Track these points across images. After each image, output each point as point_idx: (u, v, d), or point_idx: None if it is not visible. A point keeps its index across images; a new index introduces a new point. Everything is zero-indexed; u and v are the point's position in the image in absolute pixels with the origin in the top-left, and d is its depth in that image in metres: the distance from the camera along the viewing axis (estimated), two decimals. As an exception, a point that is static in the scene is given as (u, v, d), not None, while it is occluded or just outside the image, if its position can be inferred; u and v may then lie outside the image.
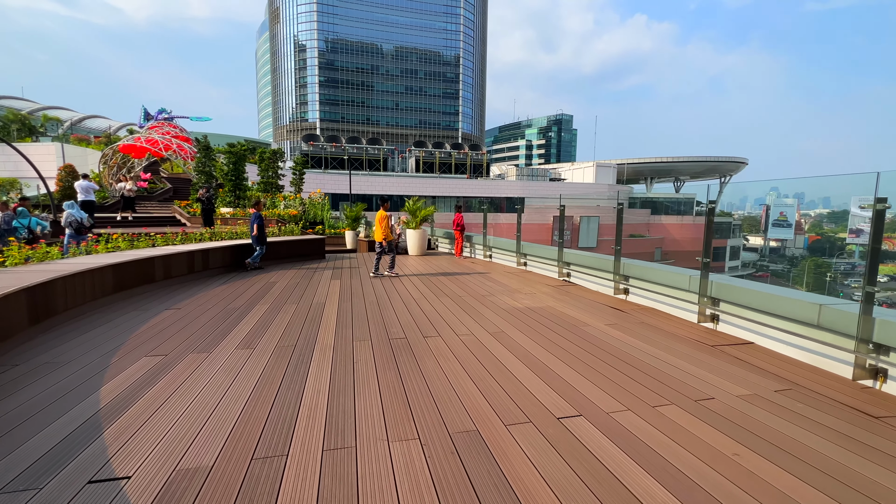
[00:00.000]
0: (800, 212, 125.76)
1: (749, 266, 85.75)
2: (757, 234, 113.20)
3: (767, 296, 3.99)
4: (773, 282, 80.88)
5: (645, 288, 5.67)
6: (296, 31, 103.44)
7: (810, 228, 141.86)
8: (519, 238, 8.97)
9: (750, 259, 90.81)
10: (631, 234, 66.28)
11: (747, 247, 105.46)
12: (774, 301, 3.89)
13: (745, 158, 79.06)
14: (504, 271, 8.78)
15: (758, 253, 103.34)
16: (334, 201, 58.22)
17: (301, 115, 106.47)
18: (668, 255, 69.42)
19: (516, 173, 73.09)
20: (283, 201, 18.86)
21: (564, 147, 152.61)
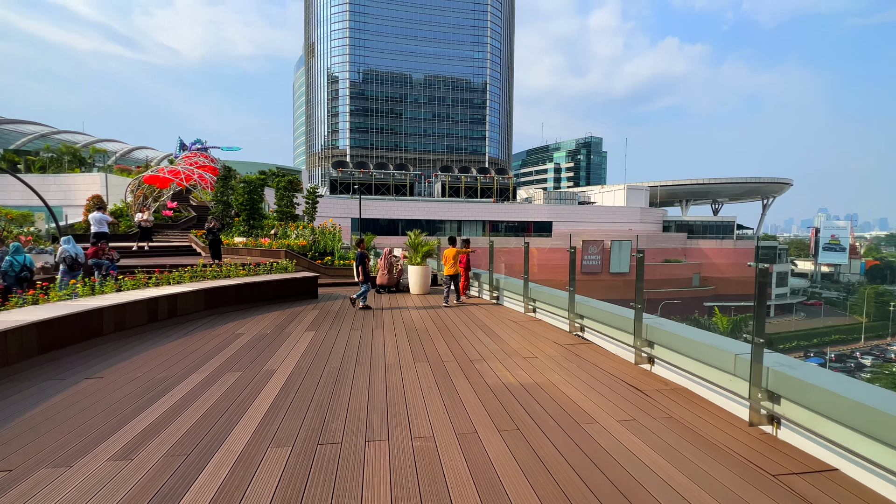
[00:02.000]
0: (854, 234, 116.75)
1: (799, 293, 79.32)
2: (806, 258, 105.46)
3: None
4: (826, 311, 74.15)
5: (676, 364, 4.38)
6: (329, 63, 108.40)
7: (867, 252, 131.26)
8: (526, 280, 7.78)
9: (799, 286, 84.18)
10: (666, 259, 62.84)
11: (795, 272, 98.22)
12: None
13: (790, 179, 74.35)
14: (509, 319, 7.59)
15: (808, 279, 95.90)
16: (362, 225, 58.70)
17: (332, 143, 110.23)
18: (706, 281, 65.15)
19: (543, 197, 71.69)
20: (294, 231, 18.51)
21: (594, 170, 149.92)
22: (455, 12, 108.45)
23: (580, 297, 6.42)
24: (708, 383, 3.95)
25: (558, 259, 60.17)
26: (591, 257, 59.69)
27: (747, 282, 67.91)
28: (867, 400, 2.59)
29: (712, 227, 70.38)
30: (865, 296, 69.50)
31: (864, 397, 2.63)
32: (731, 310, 62.50)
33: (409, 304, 9.32)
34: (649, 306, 59.05)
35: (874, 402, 2.58)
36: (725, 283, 65.70)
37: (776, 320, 65.58)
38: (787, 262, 77.45)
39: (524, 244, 7.68)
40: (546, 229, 62.27)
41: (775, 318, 67.85)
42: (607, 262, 60.39)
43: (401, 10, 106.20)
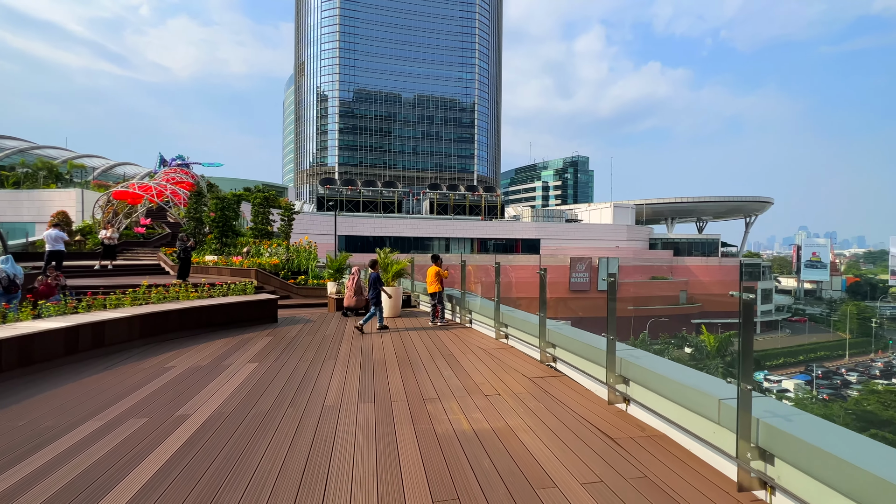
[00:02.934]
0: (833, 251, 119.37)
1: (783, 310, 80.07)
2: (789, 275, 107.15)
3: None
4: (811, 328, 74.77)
5: (653, 407, 3.79)
6: (318, 82, 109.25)
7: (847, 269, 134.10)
8: (497, 304, 7.17)
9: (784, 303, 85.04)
10: (653, 277, 63.00)
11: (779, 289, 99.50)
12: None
13: (771, 198, 75.99)
14: (478, 346, 6.95)
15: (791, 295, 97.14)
16: (349, 243, 57.91)
17: (321, 160, 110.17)
18: (693, 299, 65.32)
19: (531, 214, 71.90)
20: (267, 249, 17.74)
21: (581, 188, 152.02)
22: (444, 34, 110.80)
23: (553, 322, 5.84)
24: (689, 432, 3.36)
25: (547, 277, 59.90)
26: (579, 275, 59.54)
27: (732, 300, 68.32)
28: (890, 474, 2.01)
29: (697, 245, 71.14)
30: (848, 312, 70.37)
31: (888, 471, 2.05)
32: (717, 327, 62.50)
33: (374, 328, 8.63)
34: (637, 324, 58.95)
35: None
36: (711, 301, 65.98)
37: (762, 337, 65.83)
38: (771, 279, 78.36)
39: (495, 264, 7.11)
40: (534, 247, 62.16)
41: (761, 334, 68.13)
42: (595, 280, 60.28)
43: (390, 31, 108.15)
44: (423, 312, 11.05)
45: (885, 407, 26.14)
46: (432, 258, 9.10)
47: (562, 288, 59.71)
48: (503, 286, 7.21)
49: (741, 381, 2.69)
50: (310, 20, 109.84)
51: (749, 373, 2.68)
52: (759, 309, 69.69)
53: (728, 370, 30.68)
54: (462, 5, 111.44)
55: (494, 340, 7.29)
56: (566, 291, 59.22)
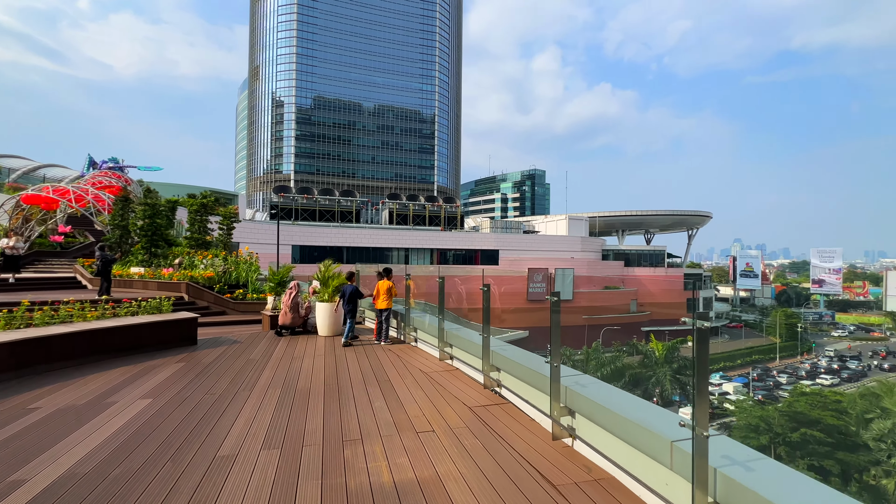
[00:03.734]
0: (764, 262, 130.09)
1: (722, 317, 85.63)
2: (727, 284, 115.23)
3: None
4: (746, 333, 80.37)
5: (601, 447, 3.33)
6: (274, 87, 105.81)
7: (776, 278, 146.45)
8: (441, 321, 6.60)
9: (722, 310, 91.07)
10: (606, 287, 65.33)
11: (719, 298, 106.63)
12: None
13: (710, 212, 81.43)
14: (420, 369, 6.32)
15: (729, 303, 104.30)
16: (304, 253, 55.57)
17: (275, 168, 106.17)
18: (643, 307, 68.33)
19: (490, 225, 72.54)
20: (202, 260, 16.21)
21: (538, 201, 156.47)
22: (405, 46, 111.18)
23: (498, 342, 5.34)
24: (640, 480, 2.91)
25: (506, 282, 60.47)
26: (536, 285, 60.56)
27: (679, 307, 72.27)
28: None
29: (646, 256, 74.74)
30: (777, 318, 76.22)
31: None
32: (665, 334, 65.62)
33: (308, 350, 7.77)
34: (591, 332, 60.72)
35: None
36: (658, 308, 69.38)
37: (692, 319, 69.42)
38: (712, 287, 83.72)
39: (438, 278, 6.56)
40: (493, 258, 62.63)
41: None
42: (552, 290, 61.43)
43: (350, 40, 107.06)
44: (368, 329, 10.28)
45: (812, 407, 28.01)
46: (383, 271, 8.42)
47: (520, 298, 60.41)
48: (454, 299, 6.66)
49: (696, 425, 2.26)
50: (265, 24, 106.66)
51: (705, 415, 2.26)
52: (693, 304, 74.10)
53: (675, 377, 31.85)
54: (423, 19, 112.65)
55: (438, 362, 6.69)
56: (524, 302, 59.96)
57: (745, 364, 60.82)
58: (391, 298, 8.18)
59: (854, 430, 25.36)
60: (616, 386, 13.86)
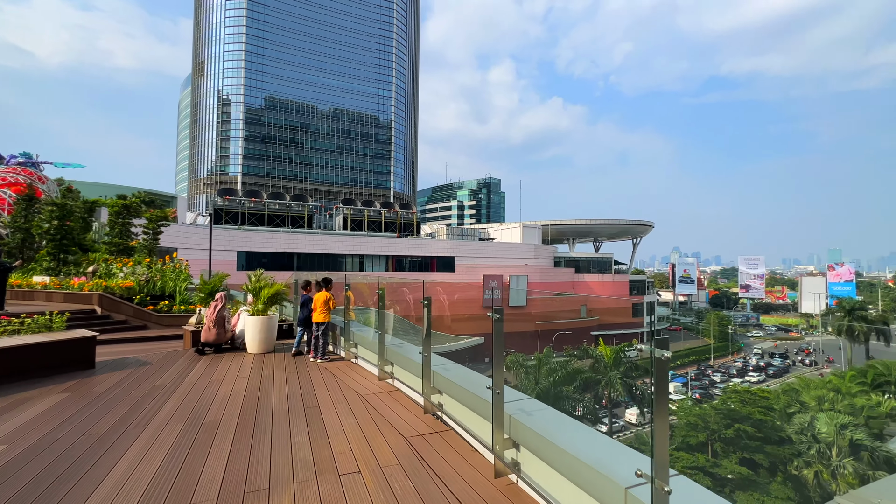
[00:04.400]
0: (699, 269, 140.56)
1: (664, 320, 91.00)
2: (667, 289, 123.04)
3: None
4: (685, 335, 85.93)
5: (549, 488, 2.90)
6: (220, 85, 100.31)
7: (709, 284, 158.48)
8: (381, 337, 5.99)
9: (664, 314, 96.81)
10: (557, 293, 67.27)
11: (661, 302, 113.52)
12: None
13: (652, 222, 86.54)
14: (355, 391, 5.67)
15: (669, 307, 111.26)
16: (250, 260, 52.41)
17: (221, 169, 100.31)
18: (592, 313, 71.04)
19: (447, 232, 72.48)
20: (122, 267, 14.44)
21: (494, 208, 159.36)
22: (361, 50, 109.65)
23: (441, 360, 4.83)
24: None
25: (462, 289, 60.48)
26: (491, 291, 61.16)
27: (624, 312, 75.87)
28: None
29: (594, 263, 77.95)
30: (711, 321, 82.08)
31: None
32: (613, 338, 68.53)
33: (231, 371, 6.84)
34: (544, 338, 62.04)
35: None
36: (606, 313, 72.47)
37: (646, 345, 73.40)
38: (654, 293, 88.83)
39: (378, 290, 5.97)
40: (449, 265, 62.49)
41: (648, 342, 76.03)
42: (507, 297, 62.37)
43: (305, 41, 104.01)
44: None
45: (743, 404, 29.98)
46: (322, 281, 7.66)
47: (475, 305, 60.66)
48: (402, 308, 6.08)
49: (655, 476, 1.87)
50: (211, 18, 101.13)
51: (664, 464, 1.88)
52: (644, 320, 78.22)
53: (624, 380, 32.97)
54: (380, 24, 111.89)
55: (378, 382, 6.06)
56: (479, 308, 60.27)
57: (684, 365, 64.70)
58: (329, 311, 7.45)
59: (779, 424, 27.37)
60: (568, 390, 13.83)
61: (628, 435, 37.23)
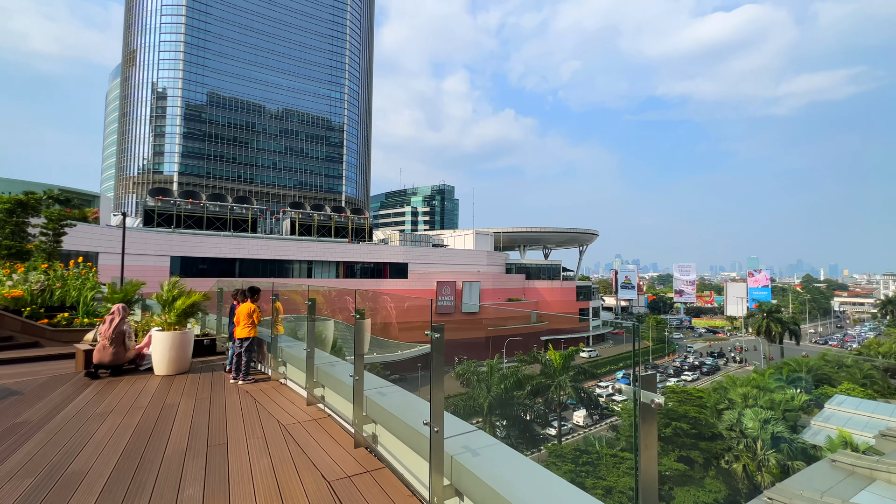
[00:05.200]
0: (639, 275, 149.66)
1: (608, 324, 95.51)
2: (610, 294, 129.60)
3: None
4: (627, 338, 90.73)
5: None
6: (155, 76, 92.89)
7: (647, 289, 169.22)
8: (311, 355, 5.18)
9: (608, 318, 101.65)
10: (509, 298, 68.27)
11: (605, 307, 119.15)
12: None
13: (597, 231, 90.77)
14: (277, 422, 4.81)
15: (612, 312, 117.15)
16: (186, 266, 48.17)
17: (155, 167, 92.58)
18: (542, 317, 72.92)
19: (400, 238, 71.39)
20: (9, 275, 12.26)
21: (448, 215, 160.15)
22: (313, 50, 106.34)
23: (378, 381, 4.15)
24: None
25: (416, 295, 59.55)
26: (444, 298, 60.82)
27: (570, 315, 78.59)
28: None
29: (544, 270, 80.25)
30: (649, 324, 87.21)
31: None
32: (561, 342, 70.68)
33: (125, 400, 5.67)
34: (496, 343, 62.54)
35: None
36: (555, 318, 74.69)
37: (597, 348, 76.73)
38: (599, 298, 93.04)
39: (308, 301, 5.17)
40: (402, 271, 61.42)
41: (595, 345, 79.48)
42: (459, 304, 62.33)
43: (251, 36, 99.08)
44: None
45: (680, 403, 31.64)
46: (247, 291, 6.67)
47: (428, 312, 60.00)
48: (350, 318, 5.30)
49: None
50: (146, 3, 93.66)
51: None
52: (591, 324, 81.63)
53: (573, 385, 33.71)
54: (332, 25, 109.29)
55: (305, 408, 5.23)
56: (433, 315, 59.73)
57: (627, 367, 67.98)
58: (254, 325, 6.49)
59: (712, 421, 29.11)
60: (520, 396, 13.28)
61: (576, 437, 38.11)
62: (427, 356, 46.38)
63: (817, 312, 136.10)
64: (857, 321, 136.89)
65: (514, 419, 32.64)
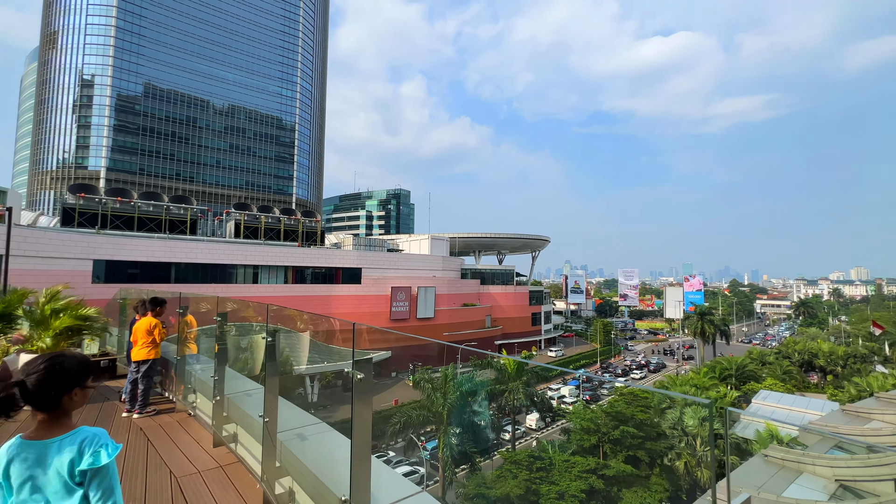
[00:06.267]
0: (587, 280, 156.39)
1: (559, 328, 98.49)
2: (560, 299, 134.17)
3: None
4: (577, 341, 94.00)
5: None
6: (79, 62, 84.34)
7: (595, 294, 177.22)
8: (219, 383, 4.25)
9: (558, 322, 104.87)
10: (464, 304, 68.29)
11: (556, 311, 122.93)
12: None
13: (548, 237, 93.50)
14: (169, 473, 3.83)
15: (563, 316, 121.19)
16: (113, 271, 43.38)
17: (77, 161, 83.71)
18: (496, 322, 73.62)
19: (353, 243, 69.28)
20: None
21: (403, 220, 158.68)
22: (263, 44, 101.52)
23: (302, 417, 3.36)
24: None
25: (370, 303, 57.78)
26: (399, 304, 59.59)
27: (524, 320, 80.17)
28: None
29: (498, 275, 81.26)
30: (597, 327, 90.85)
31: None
32: (515, 347, 71.70)
33: None
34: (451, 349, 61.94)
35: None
36: (509, 322, 75.78)
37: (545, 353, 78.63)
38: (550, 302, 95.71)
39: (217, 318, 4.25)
40: (356, 276, 59.46)
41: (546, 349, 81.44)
42: (415, 309, 61.37)
43: (193, 25, 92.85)
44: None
45: (627, 405, 32.75)
46: (149, 302, 5.55)
47: (383, 318, 58.45)
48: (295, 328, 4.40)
49: None
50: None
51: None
52: (542, 328, 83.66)
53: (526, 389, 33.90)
54: (284, 20, 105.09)
55: (213, 450, 4.29)
56: (387, 321, 58.21)
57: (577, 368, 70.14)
58: (156, 344, 5.41)
59: (656, 421, 30.33)
60: (476, 403, 12.47)
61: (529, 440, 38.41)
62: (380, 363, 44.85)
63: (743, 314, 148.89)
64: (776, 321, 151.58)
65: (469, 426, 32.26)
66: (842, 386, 43.39)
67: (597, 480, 26.03)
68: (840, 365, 54.96)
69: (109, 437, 1.88)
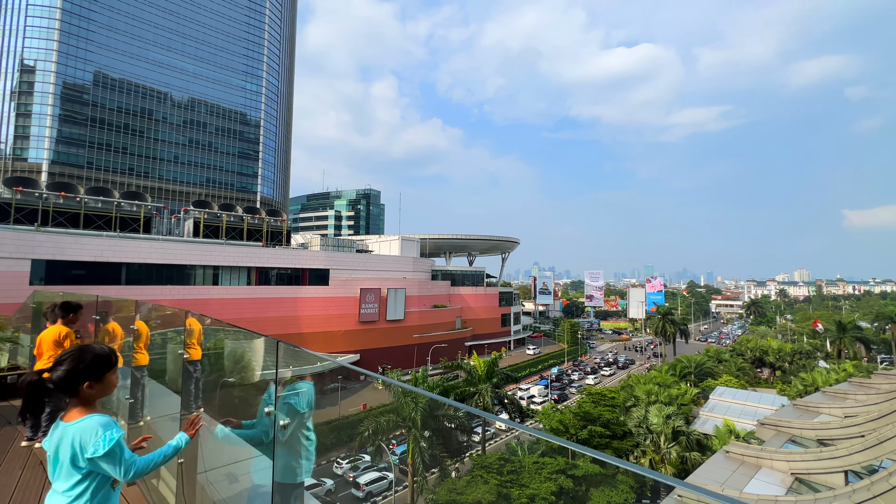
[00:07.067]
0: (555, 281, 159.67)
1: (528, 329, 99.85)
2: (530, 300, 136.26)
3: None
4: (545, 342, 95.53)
5: None
6: (18, 45, 77.79)
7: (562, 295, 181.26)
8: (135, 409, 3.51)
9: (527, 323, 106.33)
10: (435, 305, 67.78)
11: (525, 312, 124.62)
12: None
13: (518, 239, 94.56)
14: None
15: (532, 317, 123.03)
16: (55, 271, 39.88)
17: (16, 153, 77.01)
18: (466, 323, 73.61)
19: (320, 243, 67.26)
20: None
21: (373, 220, 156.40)
22: (226, 36, 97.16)
23: (237, 439, 2.76)
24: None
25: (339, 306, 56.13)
26: (368, 306, 58.33)
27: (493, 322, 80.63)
28: None
29: (469, 276, 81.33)
30: (564, 327, 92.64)
31: None
32: (485, 348, 71.86)
33: None
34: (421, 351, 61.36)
35: None
36: (479, 324, 75.98)
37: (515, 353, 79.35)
38: (519, 304, 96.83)
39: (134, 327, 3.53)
40: (323, 277, 57.66)
41: (515, 350, 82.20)
42: (384, 311, 60.30)
43: (149, 11, 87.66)
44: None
45: (595, 405, 33.24)
46: (59, 308, 4.70)
47: (351, 320, 56.96)
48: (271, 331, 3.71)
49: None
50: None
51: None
52: (512, 329, 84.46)
53: (496, 391, 33.76)
54: (249, 10, 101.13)
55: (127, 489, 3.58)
56: (355, 323, 56.78)
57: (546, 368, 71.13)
58: None
59: (623, 420, 30.94)
60: (445, 406, 11.76)
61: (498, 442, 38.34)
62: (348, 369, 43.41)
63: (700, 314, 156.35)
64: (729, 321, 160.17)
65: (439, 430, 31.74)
66: (789, 381, 46.09)
67: (566, 480, 26.18)
68: (788, 361, 58.53)
69: (112, 425, 2.07)
